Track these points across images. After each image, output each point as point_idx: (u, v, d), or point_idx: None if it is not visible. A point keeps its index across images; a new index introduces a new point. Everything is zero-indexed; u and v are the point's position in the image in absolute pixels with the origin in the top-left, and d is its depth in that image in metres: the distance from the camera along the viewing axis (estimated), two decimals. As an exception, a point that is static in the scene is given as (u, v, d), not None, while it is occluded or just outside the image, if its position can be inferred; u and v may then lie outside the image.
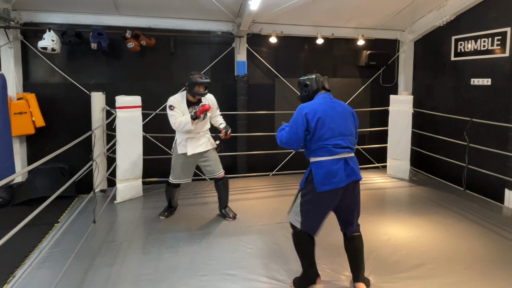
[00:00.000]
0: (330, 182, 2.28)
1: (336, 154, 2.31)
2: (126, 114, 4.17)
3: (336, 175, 2.28)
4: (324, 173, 2.29)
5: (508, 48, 4.34)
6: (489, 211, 4.00)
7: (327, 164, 2.30)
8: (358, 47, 5.88)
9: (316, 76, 2.57)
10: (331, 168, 2.29)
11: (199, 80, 3.33)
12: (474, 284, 2.59)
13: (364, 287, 2.47)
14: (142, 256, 2.99)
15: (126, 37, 4.71)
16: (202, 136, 3.52)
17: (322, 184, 2.29)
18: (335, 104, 2.45)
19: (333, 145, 2.31)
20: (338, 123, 2.36)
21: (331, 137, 2.33)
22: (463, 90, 5.05)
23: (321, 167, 2.32)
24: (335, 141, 2.32)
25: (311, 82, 2.54)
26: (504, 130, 4.33)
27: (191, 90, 3.40)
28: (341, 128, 2.37)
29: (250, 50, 5.43)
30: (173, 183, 3.66)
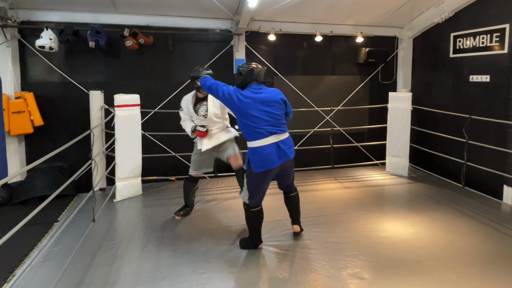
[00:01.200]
0: (263, 165, 2.75)
1: (265, 139, 2.74)
2: (125, 113, 4.16)
3: (267, 159, 2.74)
4: (257, 158, 2.75)
5: (507, 44, 4.34)
6: (487, 208, 4.01)
7: (259, 149, 2.74)
8: (357, 44, 5.87)
9: (254, 67, 2.85)
10: (263, 153, 2.73)
11: (190, 74, 3.42)
12: (472, 280, 2.60)
13: (298, 228, 3.27)
14: (142, 254, 2.99)
15: (124, 35, 4.69)
16: (215, 133, 3.55)
17: (256, 167, 2.77)
18: (262, 95, 2.82)
19: (260, 132, 2.73)
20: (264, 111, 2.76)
21: (259, 124, 2.73)
22: (461, 87, 5.05)
23: (254, 153, 2.76)
24: (262, 128, 2.73)
25: (245, 72, 2.85)
26: (502, 127, 4.34)
27: (192, 85, 3.45)
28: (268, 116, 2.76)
29: (248, 48, 5.42)
30: (192, 174, 3.69)
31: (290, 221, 3.34)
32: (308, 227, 3.48)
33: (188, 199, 3.82)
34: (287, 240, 3.24)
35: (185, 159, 5.27)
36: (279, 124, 2.84)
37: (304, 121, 5.74)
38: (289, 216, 3.31)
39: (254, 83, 2.86)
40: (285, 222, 3.61)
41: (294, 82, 5.73)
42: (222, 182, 4.93)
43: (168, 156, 5.15)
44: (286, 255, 2.96)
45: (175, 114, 5.13)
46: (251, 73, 2.83)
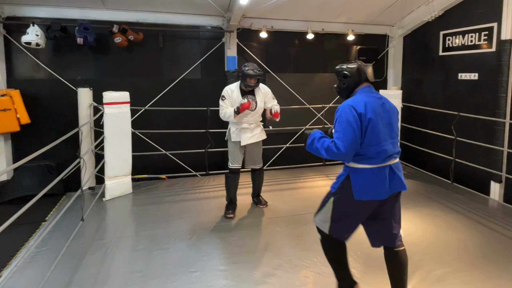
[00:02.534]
0: (371, 193, 2.01)
1: (381, 162, 2.01)
2: (114, 110, 4.10)
3: (379, 186, 2.00)
4: (365, 182, 2.01)
5: (495, 43, 4.41)
6: (475, 203, 4.09)
7: (370, 173, 2.01)
8: (348, 42, 5.89)
9: (359, 65, 2.18)
10: (375, 178, 2.01)
11: (250, 73, 3.42)
12: (461, 274, 2.65)
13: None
14: (132, 253, 2.96)
15: (113, 32, 4.62)
16: (255, 126, 3.64)
17: (361, 193, 2.01)
18: (382, 101, 2.10)
19: (379, 151, 2.00)
20: (387, 124, 2.05)
21: (380, 141, 2.00)
22: (451, 84, 5.12)
23: (362, 175, 2.02)
24: (383, 146, 2.01)
25: (351, 73, 2.16)
26: (490, 124, 4.42)
27: (243, 81, 3.51)
28: (390, 129, 2.06)
29: (240, 45, 5.39)
30: (233, 168, 3.70)
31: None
32: (299, 224, 3.49)
33: (232, 194, 3.74)
34: (279, 237, 3.24)
35: (176, 157, 5.23)
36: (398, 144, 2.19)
37: (295, 118, 5.75)
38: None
39: (365, 85, 2.17)
40: (277, 219, 3.62)
41: (286, 79, 5.72)
42: (213, 180, 4.91)
43: (159, 154, 5.11)
44: (277, 253, 2.96)
45: (165, 111, 5.11)
46: (359, 70, 2.17)
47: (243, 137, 3.58)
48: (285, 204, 4.05)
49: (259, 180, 3.89)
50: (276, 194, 4.42)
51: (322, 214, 2.21)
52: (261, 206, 3.92)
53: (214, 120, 5.13)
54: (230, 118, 3.49)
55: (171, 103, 5.13)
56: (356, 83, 2.17)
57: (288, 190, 4.62)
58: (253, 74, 3.42)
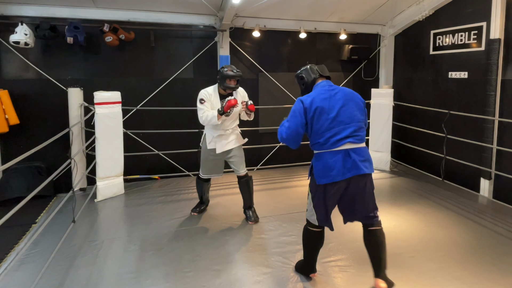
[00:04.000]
0: (327, 175, 2.20)
1: (333, 146, 2.20)
2: (105, 110, 4.06)
3: (332, 169, 2.18)
4: (321, 167, 2.23)
5: (484, 42, 4.48)
6: (465, 200, 4.15)
7: (324, 157, 2.22)
8: (341, 41, 5.93)
9: (310, 65, 2.48)
10: (328, 161, 2.20)
11: (229, 73, 3.24)
12: (451, 270, 2.68)
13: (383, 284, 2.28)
14: (125, 255, 2.94)
15: (104, 31, 4.57)
16: (231, 133, 3.44)
17: (320, 177, 2.23)
18: (335, 92, 2.30)
19: (329, 137, 2.20)
20: (338, 111, 2.22)
21: (330, 127, 2.20)
22: (441, 83, 5.19)
23: (319, 160, 2.26)
24: (333, 132, 2.20)
25: (305, 74, 2.47)
26: (480, 121, 4.49)
27: (222, 84, 3.31)
28: (342, 116, 2.22)
29: (233, 44, 5.38)
30: (203, 177, 3.61)
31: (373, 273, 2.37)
32: (292, 222, 3.50)
33: (203, 196, 3.76)
34: (272, 236, 3.25)
35: (168, 157, 5.20)
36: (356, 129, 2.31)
37: (289, 117, 5.75)
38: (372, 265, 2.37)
39: (320, 81, 2.43)
40: (271, 218, 3.62)
41: (279, 78, 5.73)
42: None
43: (151, 154, 5.07)
44: (271, 252, 2.97)
45: (157, 111, 5.07)
46: (311, 69, 2.46)
47: (218, 144, 3.38)
48: (279, 203, 4.05)
49: (245, 190, 3.55)
50: (269, 193, 4.43)
51: (308, 207, 2.43)
52: (250, 222, 3.52)
53: (207, 120, 5.14)
54: (213, 121, 3.22)
55: (164, 103, 5.10)
56: (312, 81, 2.44)
57: (281, 189, 4.63)
58: (233, 74, 3.24)
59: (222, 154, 3.45)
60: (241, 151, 3.53)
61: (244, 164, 3.56)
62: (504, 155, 4.29)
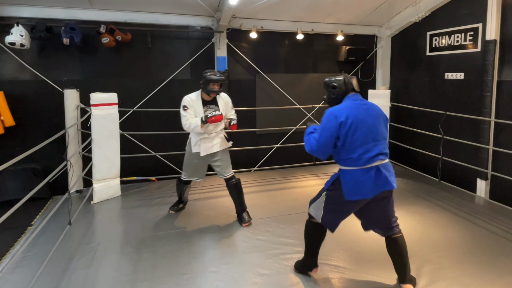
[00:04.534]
0: (359, 193, 2.21)
1: (366, 163, 2.20)
2: (102, 112, 4.04)
3: (365, 186, 2.20)
4: (353, 183, 2.21)
5: (480, 43, 4.51)
6: (462, 200, 4.16)
7: (357, 174, 2.21)
8: (338, 42, 5.94)
9: (345, 77, 2.42)
10: (361, 179, 2.20)
11: (213, 78, 3.27)
12: (449, 270, 2.69)
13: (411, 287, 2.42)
14: (121, 257, 2.92)
15: (101, 32, 4.55)
16: (215, 136, 3.44)
17: (350, 194, 2.23)
18: (366, 106, 2.31)
19: (363, 153, 2.20)
20: (370, 128, 2.24)
21: (364, 143, 2.20)
22: (437, 84, 5.21)
23: (350, 177, 2.23)
24: (366, 148, 2.20)
25: (339, 84, 2.39)
26: (476, 122, 4.51)
27: (205, 88, 3.33)
28: (374, 133, 2.24)
29: (230, 46, 5.38)
30: (184, 180, 3.62)
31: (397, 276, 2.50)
32: (290, 224, 3.49)
33: (182, 196, 3.80)
34: (270, 237, 3.24)
35: (165, 158, 5.18)
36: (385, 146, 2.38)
37: (286, 118, 5.77)
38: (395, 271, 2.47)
39: (352, 94, 2.40)
40: (268, 219, 3.62)
41: (276, 80, 5.73)
42: (204, 182, 4.84)
43: (148, 156, 5.05)
44: (268, 253, 2.96)
45: (154, 113, 5.06)
46: (346, 82, 2.40)
47: (203, 147, 3.38)
48: (276, 204, 4.05)
49: (235, 192, 3.51)
50: (267, 194, 4.42)
51: (317, 204, 2.46)
52: (244, 224, 3.47)
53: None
54: (196, 129, 3.27)
55: (161, 104, 5.08)
56: (344, 93, 2.39)
57: (279, 190, 4.62)
58: (216, 78, 3.27)
59: (206, 158, 3.46)
60: (226, 154, 3.54)
61: (230, 166, 3.56)
62: (500, 155, 4.31)
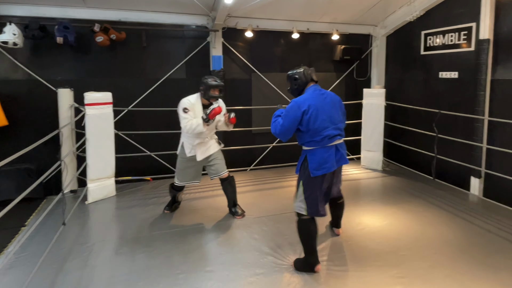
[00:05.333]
0: (322, 168, 2.60)
1: (327, 143, 2.60)
2: (96, 111, 4.01)
3: (327, 161, 2.61)
4: (317, 160, 2.60)
5: (474, 42, 4.54)
6: (456, 198, 4.20)
7: (321, 152, 2.61)
8: (333, 41, 5.95)
9: (304, 69, 2.72)
10: (323, 156, 2.60)
11: (213, 83, 3.32)
12: (443, 268, 2.71)
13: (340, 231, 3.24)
14: (116, 257, 2.90)
15: (95, 31, 4.51)
16: (209, 139, 3.53)
17: (316, 170, 2.59)
18: (324, 95, 2.67)
19: (325, 135, 2.58)
20: (328, 113, 2.61)
21: (324, 128, 2.58)
22: (432, 83, 5.24)
23: (315, 155, 2.62)
24: (327, 131, 2.58)
25: (300, 76, 2.71)
26: (470, 121, 4.54)
27: (206, 93, 3.35)
28: (332, 118, 2.63)
29: (225, 45, 5.36)
30: (179, 185, 3.60)
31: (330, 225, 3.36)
32: (286, 222, 3.50)
33: (175, 197, 3.81)
34: (265, 236, 3.25)
35: (161, 158, 5.16)
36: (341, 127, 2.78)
37: (282, 118, 5.76)
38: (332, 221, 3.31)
39: (311, 84, 2.73)
40: (264, 218, 3.62)
41: (272, 79, 5.73)
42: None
43: (143, 156, 5.03)
44: (264, 252, 2.96)
45: (149, 112, 5.03)
46: (305, 73, 2.71)
47: (199, 151, 3.43)
48: (272, 203, 4.05)
49: (230, 190, 3.66)
50: (262, 193, 4.43)
51: (298, 198, 2.70)
52: (238, 217, 3.64)
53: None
54: (198, 129, 3.23)
55: (156, 104, 5.06)
56: (304, 83, 2.72)
57: (274, 189, 4.63)
58: (217, 83, 3.32)
59: (202, 161, 3.51)
60: (221, 154, 3.63)
61: (225, 166, 3.64)
62: (493, 153, 4.35)
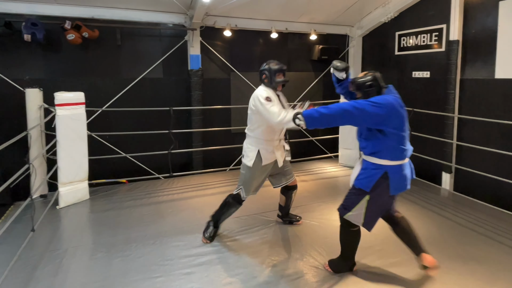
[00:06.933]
0: (403, 186, 2.32)
1: (407, 156, 2.33)
2: (67, 112, 3.85)
3: (407, 178, 2.33)
4: (399, 177, 2.29)
5: (444, 43, 4.72)
6: (428, 193, 4.35)
7: (404, 168, 2.31)
8: (311, 41, 6.02)
9: (373, 73, 2.41)
10: (405, 172, 2.32)
11: (277, 67, 2.94)
12: (416, 261, 2.79)
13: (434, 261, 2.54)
14: (90, 263, 2.80)
15: (66, 28, 4.33)
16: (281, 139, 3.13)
17: (397, 189, 2.31)
18: (401, 100, 2.32)
19: (408, 147, 2.31)
20: (407, 125, 2.34)
21: (406, 138, 2.29)
22: (406, 82, 5.41)
23: (398, 171, 2.29)
24: (407, 143, 2.31)
25: (374, 82, 2.38)
26: (441, 118, 4.72)
27: (272, 81, 2.92)
28: (408, 128, 2.35)
29: (204, 44, 5.30)
30: (244, 199, 3.07)
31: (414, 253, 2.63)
32: (265, 222, 3.50)
33: (222, 220, 3.22)
34: (244, 236, 3.23)
35: (137, 159, 5.02)
36: None
37: (261, 117, 5.77)
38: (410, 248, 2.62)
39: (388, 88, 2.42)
40: (243, 218, 3.60)
41: (251, 78, 5.72)
42: (177, 182, 4.79)
43: (118, 157, 4.87)
44: (244, 251, 2.95)
45: (125, 112, 4.89)
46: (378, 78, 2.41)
47: (278, 155, 3.01)
48: (251, 203, 4.01)
49: (292, 198, 3.33)
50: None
51: (356, 211, 2.40)
52: (297, 223, 3.44)
53: (177, 121, 5.02)
54: (288, 117, 2.64)
55: (132, 104, 4.92)
56: (380, 88, 2.39)
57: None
58: (281, 66, 2.95)
59: (274, 166, 3.10)
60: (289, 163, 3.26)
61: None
62: (463, 149, 4.54)
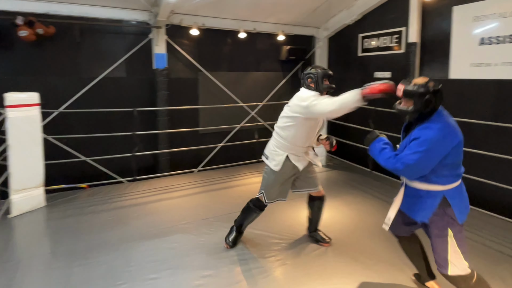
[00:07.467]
0: (467, 209, 1.99)
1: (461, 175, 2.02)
2: (20, 114, 3.58)
3: (466, 199, 2.01)
4: (460, 200, 1.96)
5: (404, 45, 4.98)
6: (390, 188, 4.56)
7: (460, 188, 1.99)
8: (279, 42, 6.08)
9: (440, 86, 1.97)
10: (463, 192, 2.01)
11: (329, 72, 2.81)
12: (382, 253, 2.93)
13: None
14: (48, 273, 2.63)
15: (17, 24, 4.03)
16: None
17: (462, 214, 1.95)
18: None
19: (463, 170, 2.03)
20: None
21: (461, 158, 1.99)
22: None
23: (457, 196, 1.96)
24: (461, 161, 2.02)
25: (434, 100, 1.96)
26: (400, 116, 4.95)
27: (319, 85, 2.77)
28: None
29: (170, 42, 5.17)
30: (267, 204, 2.91)
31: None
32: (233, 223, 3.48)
33: (246, 226, 3.08)
34: (213, 237, 3.19)
35: (97, 163, 4.78)
36: None
37: (230, 117, 5.75)
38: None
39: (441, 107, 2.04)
40: (211, 219, 3.56)
41: (219, 78, 5.67)
42: (142, 185, 4.63)
43: (78, 161, 4.62)
44: (211, 253, 2.91)
45: (85, 113, 4.64)
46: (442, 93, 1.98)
47: (302, 160, 2.89)
48: (220, 204, 4.00)
49: (321, 210, 3.08)
50: (210, 194, 4.36)
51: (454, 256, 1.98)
52: (325, 244, 3.07)
53: (141, 121, 4.84)
54: (348, 104, 2.44)
55: (92, 104, 4.68)
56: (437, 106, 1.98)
57: (223, 189, 4.58)
58: (330, 73, 2.84)
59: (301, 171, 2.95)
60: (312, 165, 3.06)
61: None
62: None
